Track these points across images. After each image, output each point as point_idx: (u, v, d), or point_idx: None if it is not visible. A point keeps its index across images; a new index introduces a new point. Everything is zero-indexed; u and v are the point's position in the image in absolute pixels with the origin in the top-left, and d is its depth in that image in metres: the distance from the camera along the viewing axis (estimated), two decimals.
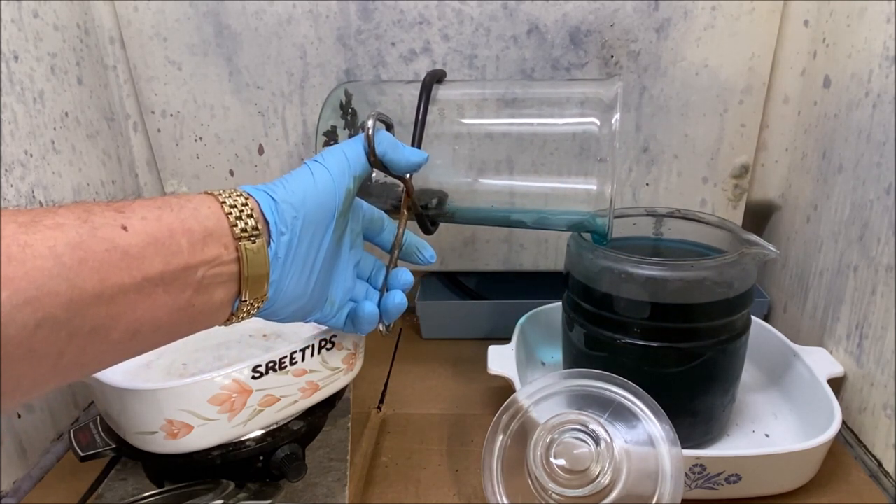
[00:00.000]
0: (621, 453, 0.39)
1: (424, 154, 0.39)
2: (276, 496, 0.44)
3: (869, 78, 0.51)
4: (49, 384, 0.25)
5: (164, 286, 0.27)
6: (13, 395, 0.24)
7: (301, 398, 0.43)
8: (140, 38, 0.64)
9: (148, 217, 0.27)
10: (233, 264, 0.30)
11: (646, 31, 0.60)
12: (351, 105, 0.49)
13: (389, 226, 0.43)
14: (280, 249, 0.32)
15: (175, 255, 0.28)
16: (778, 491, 0.47)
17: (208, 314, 0.31)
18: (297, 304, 0.35)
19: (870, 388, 0.51)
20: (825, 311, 0.58)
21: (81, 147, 0.59)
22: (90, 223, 0.25)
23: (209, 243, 0.29)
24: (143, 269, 0.26)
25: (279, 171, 0.68)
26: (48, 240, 0.23)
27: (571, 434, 0.40)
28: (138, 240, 0.26)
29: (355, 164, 0.36)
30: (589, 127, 0.44)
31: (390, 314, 0.41)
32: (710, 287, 0.44)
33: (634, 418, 0.41)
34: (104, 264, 0.25)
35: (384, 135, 0.37)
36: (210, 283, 0.30)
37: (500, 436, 0.43)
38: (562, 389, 0.44)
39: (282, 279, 0.33)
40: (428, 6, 0.60)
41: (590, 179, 0.44)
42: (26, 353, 0.23)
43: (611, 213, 0.44)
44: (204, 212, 0.30)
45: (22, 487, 0.51)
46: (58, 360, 0.24)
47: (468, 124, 0.47)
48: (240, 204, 0.31)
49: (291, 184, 0.34)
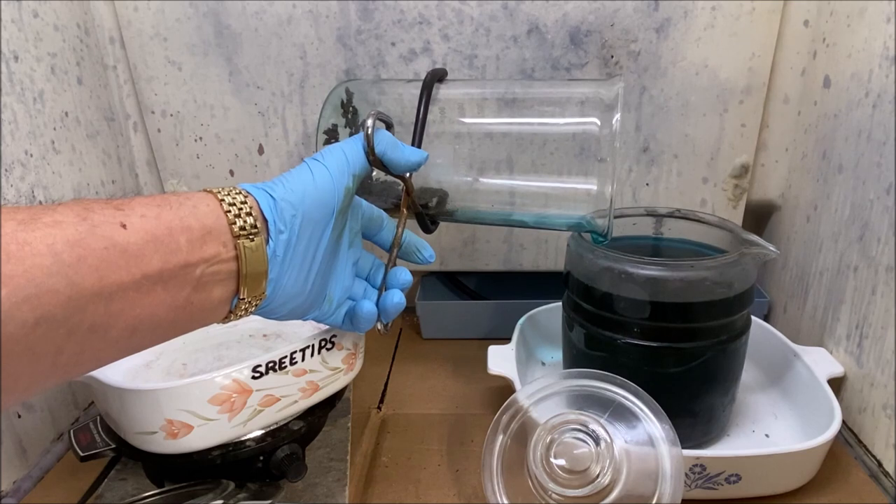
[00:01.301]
0: (621, 453, 0.39)
1: (424, 153, 0.39)
2: (276, 496, 0.44)
3: (869, 78, 0.51)
4: (48, 381, 0.25)
5: (162, 284, 0.27)
6: (12, 393, 0.24)
7: (301, 398, 0.43)
8: (140, 38, 0.64)
9: (147, 215, 0.27)
10: (231, 262, 0.30)
11: (646, 31, 0.60)
12: (352, 104, 0.49)
13: (389, 224, 0.43)
14: (278, 247, 0.33)
15: (174, 253, 0.28)
16: (778, 491, 0.47)
17: (206, 312, 0.31)
18: (295, 302, 0.35)
19: (870, 388, 0.51)
20: (825, 311, 0.58)
21: (81, 147, 0.59)
22: (89, 221, 0.25)
23: (208, 241, 0.29)
24: (141, 267, 0.26)
25: (279, 171, 0.67)
26: (47, 237, 0.23)
27: (571, 434, 0.40)
28: (137, 238, 0.26)
29: (354, 163, 0.36)
30: (589, 127, 0.44)
31: (389, 313, 0.41)
32: (710, 287, 0.44)
33: (634, 418, 0.41)
34: (103, 262, 0.25)
35: (383, 134, 0.38)
36: (208, 280, 0.30)
37: (500, 436, 0.43)
38: (562, 389, 0.44)
39: (280, 277, 0.33)
40: (428, 6, 0.60)
41: (590, 179, 0.44)
42: (25, 351, 0.23)
43: (611, 213, 0.43)
44: (203, 210, 0.30)
45: (22, 487, 0.51)
46: (56, 358, 0.24)
47: (469, 124, 0.47)
48: (239, 202, 0.31)
49: (290, 182, 0.34)
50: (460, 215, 0.48)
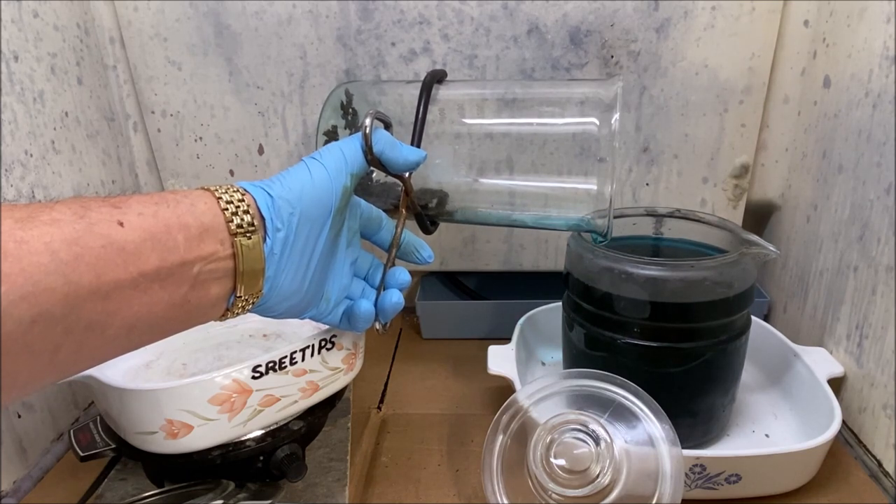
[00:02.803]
0: (621, 453, 0.39)
1: (422, 153, 0.39)
2: (276, 496, 0.44)
3: (869, 78, 0.51)
4: (45, 379, 0.25)
5: (160, 282, 0.27)
6: (10, 391, 0.24)
7: (301, 398, 0.43)
8: (140, 38, 0.64)
9: (144, 213, 0.27)
10: (228, 260, 0.30)
11: (646, 31, 0.60)
12: (352, 105, 0.49)
13: (387, 224, 0.43)
14: (276, 245, 0.33)
15: (171, 251, 0.28)
16: (778, 491, 0.47)
17: (203, 309, 0.31)
18: (292, 301, 0.35)
19: (870, 388, 0.51)
20: (825, 311, 0.58)
21: (81, 147, 0.59)
22: (86, 219, 0.25)
23: (205, 239, 0.29)
24: (139, 265, 0.26)
25: (279, 171, 0.67)
26: (44, 236, 0.23)
27: (571, 434, 0.40)
28: (134, 236, 0.26)
29: (352, 162, 0.36)
30: (588, 127, 0.44)
31: (387, 313, 0.41)
32: (710, 287, 0.44)
33: (634, 418, 0.41)
34: (100, 260, 0.25)
35: (382, 133, 0.38)
36: (206, 278, 0.30)
37: (500, 436, 0.43)
38: (562, 389, 0.44)
39: (277, 275, 0.33)
40: (428, 6, 0.60)
41: (590, 179, 0.44)
42: (22, 349, 0.23)
43: (610, 212, 0.43)
44: (200, 207, 0.30)
45: (22, 487, 0.51)
46: (54, 356, 0.24)
47: (468, 124, 0.47)
48: (236, 200, 0.31)
49: (288, 180, 0.34)
50: (460, 216, 0.48)
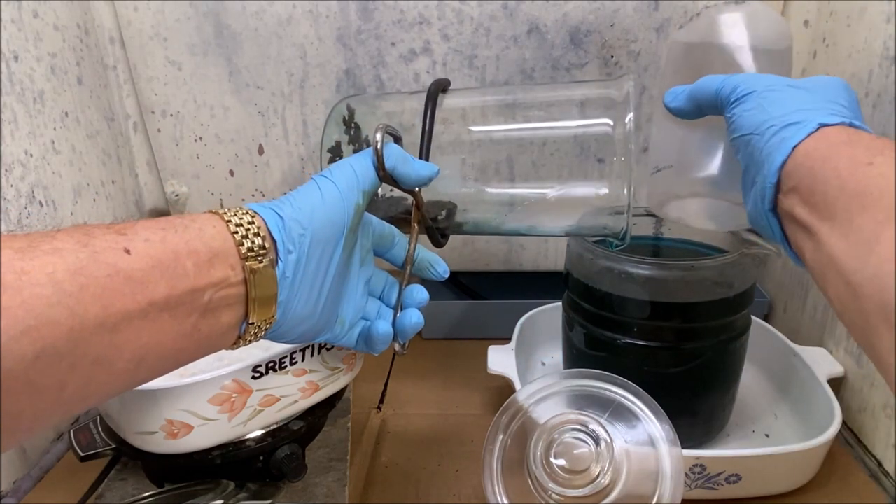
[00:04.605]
0: (621, 453, 0.39)
1: (435, 167, 0.37)
2: (276, 496, 0.44)
3: (869, 78, 0.51)
4: (51, 418, 0.24)
5: (169, 311, 0.26)
6: (14, 433, 0.22)
7: (301, 398, 0.43)
8: (140, 38, 0.64)
9: (151, 239, 0.26)
10: (240, 286, 0.29)
11: (646, 31, 0.60)
12: (354, 119, 0.48)
13: (400, 241, 0.42)
14: (288, 269, 0.31)
15: (181, 279, 0.26)
16: (778, 491, 0.47)
17: (215, 338, 0.30)
18: (306, 325, 0.34)
19: (870, 388, 0.51)
20: (825, 310, 0.58)
21: (81, 147, 0.59)
22: (90, 247, 0.24)
23: (216, 265, 0.28)
24: (147, 294, 0.25)
25: (279, 172, 0.68)
26: (47, 266, 0.22)
27: (571, 434, 0.40)
28: (142, 263, 0.25)
29: (364, 179, 0.35)
30: (602, 128, 0.43)
31: (406, 333, 0.39)
32: (710, 287, 0.44)
33: (634, 418, 0.41)
34: (106, 290, 0.24)
35: (393, 148, 0.36)
36: (217, 305, 0.28)
37: (500, 436, 0.43)
38: (562, 389, 0.44)
39: (290, 299, 0.32)
40: (428, 6, 0.60)
41: (603, 183, 0.43)
42: (25, 387, 0.21)
43: (628, 216, 0.42)
44: (209, 232, 0.28)
45: (22, 487, 0.51)
46: (60, 393, 0.23)
47: (475, 132, 0.46)
48: (246, 222, 0.30)
49: (299, 200, 0.33)
50: (471, 227, 0.46)
